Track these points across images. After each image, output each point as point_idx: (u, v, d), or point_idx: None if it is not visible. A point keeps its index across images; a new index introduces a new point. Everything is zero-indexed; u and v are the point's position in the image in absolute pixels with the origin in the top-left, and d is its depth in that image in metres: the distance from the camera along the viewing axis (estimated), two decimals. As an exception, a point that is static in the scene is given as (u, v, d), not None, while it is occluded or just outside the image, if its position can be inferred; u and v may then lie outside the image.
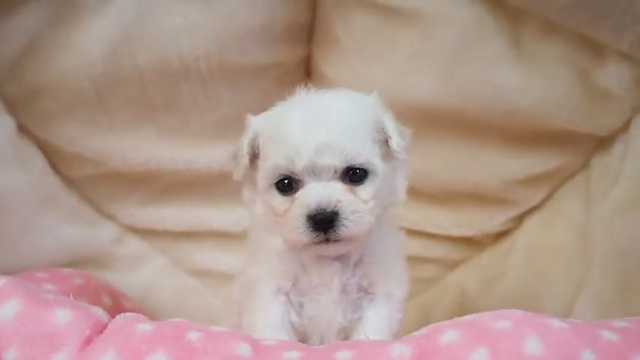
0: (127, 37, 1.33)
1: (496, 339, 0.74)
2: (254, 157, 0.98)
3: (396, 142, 0.96)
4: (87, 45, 1.32)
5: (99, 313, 0.77)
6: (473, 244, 1.64)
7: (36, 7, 1.29)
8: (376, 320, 0.98)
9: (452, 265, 1.66)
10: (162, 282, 1.60)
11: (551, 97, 1.35)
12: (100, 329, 0.74)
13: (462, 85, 1.38)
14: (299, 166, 0.90)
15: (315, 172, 0.90)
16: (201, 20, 1.36)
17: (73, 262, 1.45)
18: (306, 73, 1.59)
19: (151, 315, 1.50)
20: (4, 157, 1.32)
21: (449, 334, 0.76)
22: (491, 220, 1.58)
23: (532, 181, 1.50)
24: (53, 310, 0.73)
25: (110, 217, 1.57)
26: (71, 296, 1.04)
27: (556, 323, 0.76)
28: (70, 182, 1.51)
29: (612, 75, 1.32)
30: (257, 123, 0.99)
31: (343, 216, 0.88)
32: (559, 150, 1.46)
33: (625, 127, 1.37)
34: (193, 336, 0.73)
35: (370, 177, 0.93)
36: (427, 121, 1.46)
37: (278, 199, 0.93)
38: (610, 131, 1.39)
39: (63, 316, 0.72)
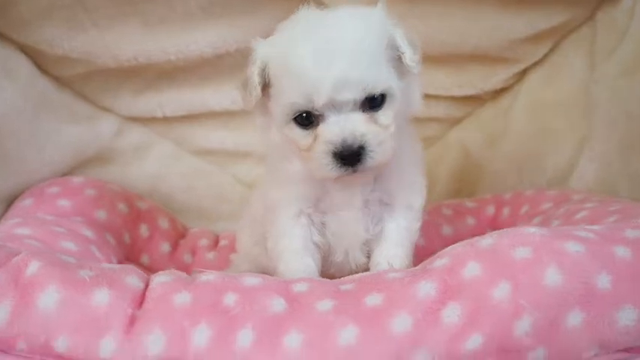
0: None
1: (517, 271, 0.77)
2: (265, 85, 0.94)
3: (409, 57, 0.93)
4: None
5: (134, 282, 0.79)
6: (473, 100, 1.64)
7: None
8: (397, 232, 1.02)
9: (453, 122, 1.68)
10: (169, 167, 1.62)
11: None
12: (139, 302, 0.77)
13: None
14: (318, 103, 0.88)
15: (334, 106, 0.88)
16: None
17: (78, 164, 1.47)
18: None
19: (164, 202, 1.55)
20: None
21: (470, 266, 0.79)
22: (492, 78, 1.57)
23: (536, 37, 1.46)
24: (92, 293, 0.75)
25: (107, 110, 1.55)
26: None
27: (572, 247, 0.79)
28: (61, 81, 1.47)
29: None
30: (264, 51, 0.93)
31: (370, 149, 0.88)
32: (565, 4, 1.40)
33: (635, -21, 1.30)
34: (230, 300, 0.77)
35: (389, 100, 0.91)
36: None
37: (299, 133, 0.91)
38: (618, -17, 1.32)
39: (103, 298, 0.75)
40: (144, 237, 1.38)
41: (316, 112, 0.89)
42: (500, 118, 1.59)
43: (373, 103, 0.90)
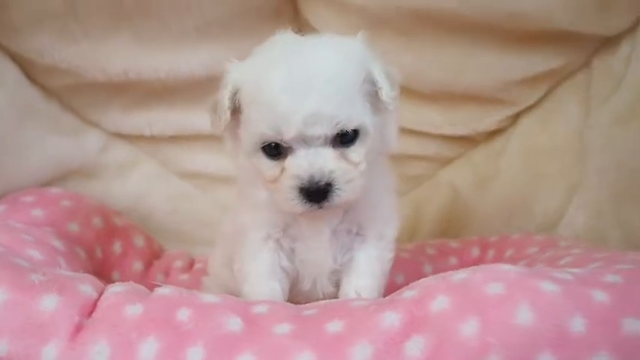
0: None
1: (487, 308, 0.73)
2: (235, 110, 0.91)
3: (386, 93, 0.89)
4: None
5: (87, 290, 0.76)
6: (466, 141, 1.62)
7: None
8: (367, 262, 0.98)
9: (444, 163, 1.66)
10: (152, 186, 1.61)
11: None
12: (89, 311, 0.73)
13: None
14: (287, 136, 0.85)
15: (304, 140, 0.85)
16: None
17: (59, 176, 1.45)
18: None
19: (143, 221, 1.52)
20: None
21: (439, 299, 0.76)
22: (486, 118, 1.56)
23: (531, 80, 1.46)
24: (40, 297, 0.72)
25: (94, 125, 1.55)
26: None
27: (547, 287, 0.75)
28: (48, 92, 1.47)
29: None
30: (237, 76, 0.91)
31: (337, 186, 0.85)
32: (561, 49, 1.40)
33: (633, 27, 1.31)
34: (183, 315, 0.73)
35: (361, 137, 0.88)
36: (421, 21, 1.40)
37: (266, 164, 0.89)
38: (617, 31, 1.32)
39: (50, 303, 0.71)
40: (117, 253, 1.36)
41: (285, 145, 0.86)
42: (492, 160, 1.57)
43: (345, 139, 0.87)
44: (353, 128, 0.86)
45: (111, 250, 1.34)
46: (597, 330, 0.73)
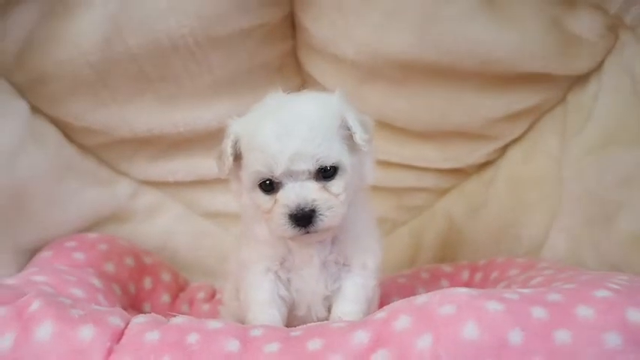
0: (116, 25, 1.41)
1: (439, 325, 0.88)
2: (237, 157, 1.10)
3: (359, 136, 1.07)
4: (80, 36, 1.41)
5: (116, 321, 0.94)
6: (459, 173, 1.77)
7: (30, 4, 1.37)
8: (353, 290, 1.14)
9: (440, 194, 1.81)
10: (178, 227, 1.78)
11: (525, 46, 1.40)
12: (118, 337, 0.91)
13: (437, 41, 1.43)
14: (277, 172, 1.03)
15: (291, 175, 1.03)
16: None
17: (96, 222, 1.62)
18: (292, 26, 1.65)
19: (170, 258, 1.70)
20: (23, 141, 1.44)
21: (402, 319, 0.91)
22: (475, 152, 1.70)
23: (513, 117, 1.58)
24: (79, 328, 0.90)
25: (124, 174, 1.73)
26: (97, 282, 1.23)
27: (492, 306, 0.90)
28: (84, 149, 1.65)
29: (584, 22, 1.35)
30: (236, 128, 1.10)
31: (320, 212, 1.03)
32: (537, 88, 1.52)
33: (599, 67, 1.42)
34: (192, 338, 0.90)
35: (340, 172, 1.06)
36: (407, 70, 1.54)
37: (263, 198, 1.07)
38: (584, 71, 1.45)
39: (88, 333, 0.89)
40: (147, 288, 1.53)
41: (276, 180, 1.05)
42: (483, 190, 1.71)
43: (326, 174, 1.05)
44: (331, 164, 1.04)
45: (142, 285, 1.52)
46: (533, 340, 0.86)
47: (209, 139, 1.68)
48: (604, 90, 1.41)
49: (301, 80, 1.75)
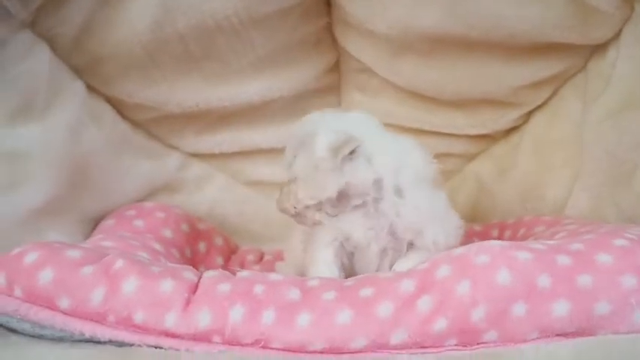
0: (165, 8, 1.52)
1: (476, 272, 1.00)
2: None
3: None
4: (133, 20, 1.52)
5: (190, 276, 1.07)
6: (487, 138, 1.88)
7: (86, -8, 1.49)
8: (414, 255, 1.24)
9: (470, 158, 1.92)
10: (224, 195, 1.91)
11: (547, 19, 1.48)
12: (194, 289, 1.04)
13: (464, 17, 1.52)
14: None
15: None
16: (228, -19, 1.54)
17: (150, 193, 1.76)
18: (327, 4, 1.74)
19: (219, 225, 1.84)
20: (82, 118, 1.57)
21: (443, 268, 1.03)
22: (502, 119, 1.80)
23: (537, 84, 1.68)
24: (160, 282, 1.03)
25: (173, 148, 1.86)
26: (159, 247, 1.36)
27: (522, 255, 1.01)
28: (136, 125, 1.78)
29: (602, -5, 1.44)
30: None
31: None
32: (560, 57, 1.61)
33: (617, 36, 1.51)
34: (259, 289, 1.03)
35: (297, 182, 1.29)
36: (437, 43, 1.64)
37: None
38: (603, 40, 1.53)
39: (168, 286, 1.03)
40: (202, 252, 1.67)
41: None
42: (510, 153, 1.81)
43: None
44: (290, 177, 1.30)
45: (197, 249, 1.65)
46: (560, 284, 0.98)
47: (252, 112, 1.82)
48: (621, 58, 1.49)
49: (336, 54, 1.85)
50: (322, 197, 1.22)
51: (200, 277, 1.09)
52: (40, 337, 1.03)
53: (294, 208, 1.24)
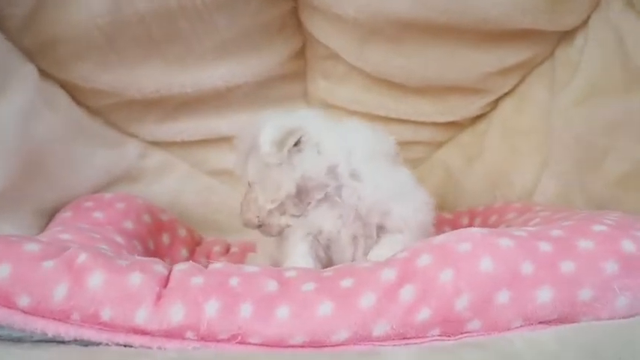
0: (124, -12, 1.45)
1: (458, 260, 0.98)
2: None
3: (261, 154, 1.20)
4: (89, 0, 1.45)
5: (159, 269, 1.01)
6: (455, 126, 1.87)
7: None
8: (388, 240, 1.23)
9: (437, 146, 1.91)
10: (186, 185, 1.85)
11: (518, 5, 1.47)
12: (164, 283, 0.99)
13: (434, 2, 1.50)
14: None
15: None
16: (189, -41, 1.47)
17: (109, 183, 1.68)
18: (294, -10, 1.69)
19: (181, 215, 1.77)
20: (34, 104, 1.48)
21: (424, 257, 1.00)
22: (470, 106, 1.79)
23: (505, 71, 1.68)
24: (128, 275, 0.97)
25: (133, 136, 1.79)
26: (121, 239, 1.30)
27: (504, 242, 0.99)
28: (93, 111, 1.70)
29: (571, -19, 1.43)
30: None
31: None
32: (528, 44, 1.61)
33: (585, 23, 1.52)
34: (234, 281, 0.98)
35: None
36: (407, 29, 1.61)
37: None
38: (572, 27, 1.54)
39: (137, 279, 0.97)
40: (165, 244, 1.60)
41: None
42: (477, 141, 1.81)
43: None
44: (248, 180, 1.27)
45: (160, 241, 1.59)
46: (542, 271, 0.96)
47: (215, 98, 1.76)
48: (590, 44, 1.50)
49: (302, 40, 1.80)
50: (282, 196, 1.20)
51: (170, 271, 1.03)
52: (-3, 337, 0.96)
53: (257, 217, 1.23)
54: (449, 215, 1.68)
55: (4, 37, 1.44)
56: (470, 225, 1.61)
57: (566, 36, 1.57)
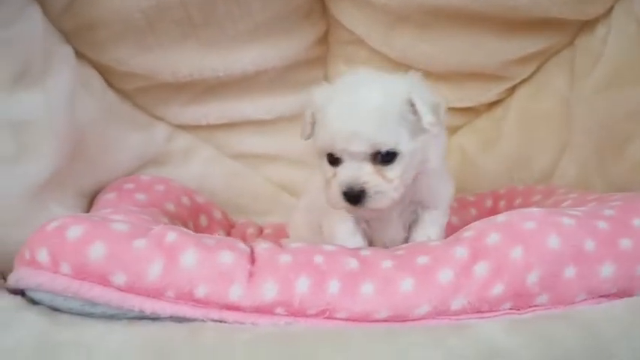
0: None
1: (527, 238, 1.04)
2: (314, 125, 1.21)
3: (426, 121, 1.12)
4: (135, -17, 1.45)
5: (243, 247, 1.05)
6: (471, 111, 1.93)
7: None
8: (430, 217, 1.27)
9: (454, 130, 1.96)
10: (211, 168, 1.87)
11: None
12: (252, 260, 1.03)
13: None
14: (335, 149, 1.14)
15: (350, 154, 1.13)
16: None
17: (140, 166, 1.70)
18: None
19: (209, 196, 1.79)
20: (74, 85, 1.47)
21: (492, 236, 1.06)
22: (488, 92, 1.86)
23: (525, 59, 1.74)
24: (219, 253, 1.00)
25: (160, 119, 1.80)
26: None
27: (566, 221, 1.06)
28: (122, 94, 1.70)
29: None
30: (315, 99, 1.19)
31: (368, 194, 1.12)
32: (549, 33, 1.67)
33: (608, 12, 1.58)
34: (319, 259, 1.03)
35: (398, 158, 1.12)
36: (436, 16, 1.67)
37: (326, 167, 1.17)
38: (594, 16, 1.60)
39: (228, 257, 1.00)
40: (203, 226, 1.63)
41: (337, 156, 1.15)
42: (494, 126, 1.88)
43: (384, 158, 1.11)
44: (388, 150, 1.11)
45: (199, 222, 1.62)
46: (603, 248, 1.04)
47: (243, 82, 1.78)
48: (613, 34, 1.57)
49: (326, 25, 1.84)
50: (428, 169, 1.21)
51: (252, 249, 1.06)
52: (89, 315, 0.98)
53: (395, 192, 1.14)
54: (472, 197, 1.75)
55: (46, 19, 1.44)
56: (494, 207, 1.68)
57: (586, 25, 1.64)
